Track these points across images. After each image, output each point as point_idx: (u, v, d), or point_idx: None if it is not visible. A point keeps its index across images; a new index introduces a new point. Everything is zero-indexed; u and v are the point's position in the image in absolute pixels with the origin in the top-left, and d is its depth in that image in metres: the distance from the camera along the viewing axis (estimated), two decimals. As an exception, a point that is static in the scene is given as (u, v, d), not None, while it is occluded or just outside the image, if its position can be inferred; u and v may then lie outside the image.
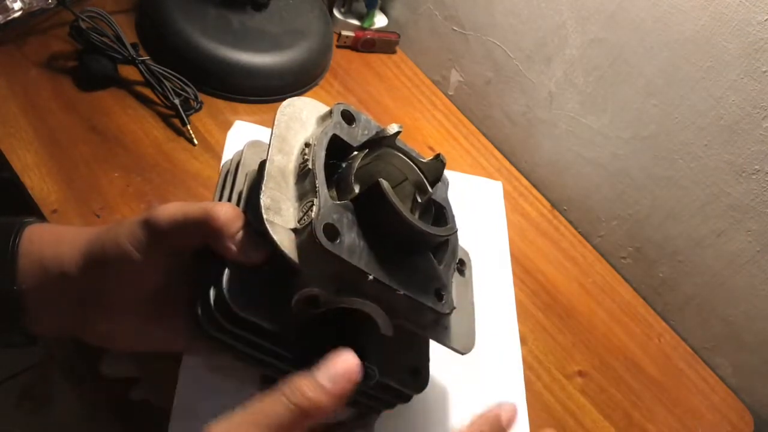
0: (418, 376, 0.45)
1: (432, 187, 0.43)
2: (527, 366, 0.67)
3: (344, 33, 0.88)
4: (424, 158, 0.44)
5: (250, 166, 0.46)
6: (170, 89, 0.66)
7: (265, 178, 0.37)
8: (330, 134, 0.40)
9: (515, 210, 0.82)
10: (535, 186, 0.88)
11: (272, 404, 0.31)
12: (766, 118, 0.66)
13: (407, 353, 0.46)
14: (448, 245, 0.43)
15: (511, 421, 0.38)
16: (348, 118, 0.42)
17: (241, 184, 0.45)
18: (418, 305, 0.39)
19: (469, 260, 0.51)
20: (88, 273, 0.39)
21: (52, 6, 0.66)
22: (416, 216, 0.42)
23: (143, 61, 0.66)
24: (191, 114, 0.68)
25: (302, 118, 0.42)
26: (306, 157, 0.39)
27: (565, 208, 0.87)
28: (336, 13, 0.89)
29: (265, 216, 0.36)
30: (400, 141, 0.43)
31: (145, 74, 0.66)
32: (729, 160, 0.70)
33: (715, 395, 0.77)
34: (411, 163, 0.43)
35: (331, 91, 0.81)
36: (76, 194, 0.58)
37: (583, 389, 0.68)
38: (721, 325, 0.78)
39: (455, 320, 0.44)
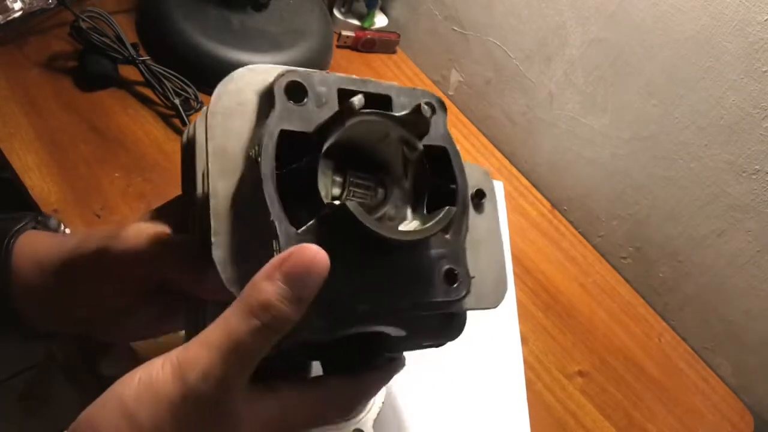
0: (452, 320, 0.38)
1: (420, 140, 0.35)
2: (527, 366, 0.67)
3: (344, 33, 0.88)
4: (402, 114, 0.34)
5: (202, 146, 0.35)
6: (170, 89, 0.66)
7: (212, 224, 0.30)
8: (275, 135, 0.30)
9: (515, 210, 0.82)
10: (535, 186, 0.88)
11: (233, 325, 0.28)
12: (766, 118, 0.66)
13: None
14: (455, 198, 0.35)
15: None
16: (295, 94, 0.32)
17: (200, 180, 0.35)
18: (428, 305, 0.33)
19: (490, 184, 0.41)
20: (77, 276, 0.39)
21: (53, 6, 0.66)
22: (409, 178, 0.36)
23: (143, 61, 0.66)
24: (191, 114, 0.68)
25: (243, 106, 0.32)
26: None
27: (565, 208, 0.87)
28: (336, 13, 0.89)
29: (223, 276, 0.29)
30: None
31: (146, 74, 0.66)
32: (729, 160, 0.70)
33: (715, 395, 0.77)
34: (389, 121, 0.34)
35: (331, 91, 0.81)
36: (76, 194, 0.58)
37: (584, 389, 0.68)
38: (722, 325, 0.78)
39: (479, 271, 0.37)
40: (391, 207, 0.35)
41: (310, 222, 0.30)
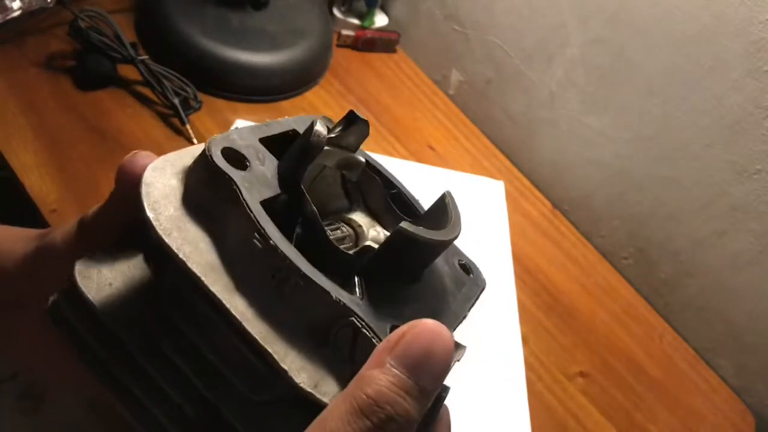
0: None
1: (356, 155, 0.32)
2: (528, 367, 0.67)
3: (344, 32, 0.88)
4: (338, 131, 0.30)
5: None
6: (169, 89, 0.66)
7: (270, 351, 0.22)
8: (261, 210, 0.24)
9: (516, 210, 0.82)
10: (536, 186, 0.87)
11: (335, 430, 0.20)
12: (769, 118, 0.66)
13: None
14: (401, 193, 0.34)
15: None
16: (235, 161, 0.26)
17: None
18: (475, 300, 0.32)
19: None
20: (24, 272, 0.33)
21: (51, 5, 0.66)
22: (360, 200, 0.33)
23: (142, 61, 0.66)
24: (191, 113, 0.68)
25: (179, 212, 0.24)
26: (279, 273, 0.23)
27: (566, 208, 0.87)
28: (336, 12, 0.89)
29: (320, 395, 0.22)
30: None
31: (145, 74, 0.66)
32: (730, 159, 0.70)
33: (716, 396, 0.76)
34: (335, 149, 0.31)
35: (331, 91, 0.81)
36: (74, 194, 0.58)
37: (585, 390, 0.68)
38: (723, 325, 0.78)
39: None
40: (368, 239, 0.32)
41: (354, 280, 0.25)
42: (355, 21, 0.89)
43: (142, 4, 0.74)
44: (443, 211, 0.30)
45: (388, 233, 0.32)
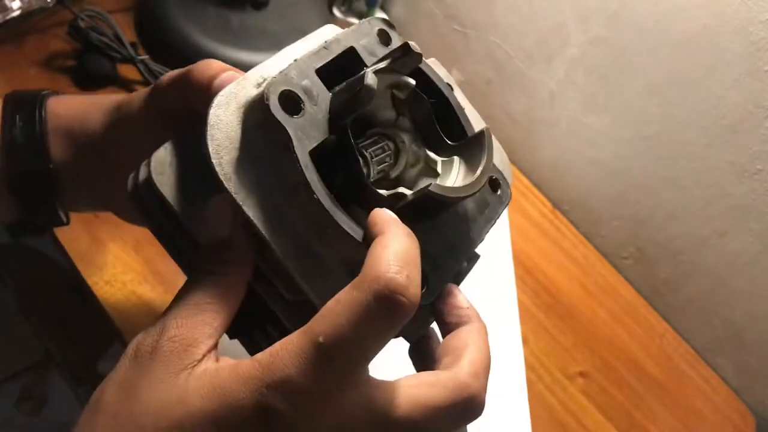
0: None
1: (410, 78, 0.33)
2: (528, 367, 0.67)
3: (344, 32, 0.88)
4: (390, 61, 0.32)
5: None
6: (170, 88, 0.66)
7: (305, 287, 0.28)
8: (311, 165, 0.27)
9: (516, 210, 0.82)
10: (536, 186, 0.87)
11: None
12: (769, 118, 0.66)
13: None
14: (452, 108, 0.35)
15: None
16: (291, 105, 0.28)
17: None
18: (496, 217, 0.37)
19: (450, 78, 0.40)
20: (110, 133, 0.38)
21: (51, 5, 0.66)
22: (406, 116, 0.34)
23: (142, 61, 0.66)
24: (191, 113, 0.68)
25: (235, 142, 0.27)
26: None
27: (566, 207, 0.87)
28: (336, 11, 0.89)
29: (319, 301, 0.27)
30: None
31: (144, 74, 0.66)
32: (731, 159, 0.70)
33: (716, 396, 0.76)
34: (387, 75, 0.32)
35: (331, 91, 0.81)
36: (74, 194, 0.58)
37: (585, 390, 0.68)
38: (723, 325, 0.78)
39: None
40: (409, 154, 0.34)
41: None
42: (355, 20, 0.89)
43: (142, 4, 0.74)
44: (479, 149, 0.32)
45: (429, 152, 0.34)
